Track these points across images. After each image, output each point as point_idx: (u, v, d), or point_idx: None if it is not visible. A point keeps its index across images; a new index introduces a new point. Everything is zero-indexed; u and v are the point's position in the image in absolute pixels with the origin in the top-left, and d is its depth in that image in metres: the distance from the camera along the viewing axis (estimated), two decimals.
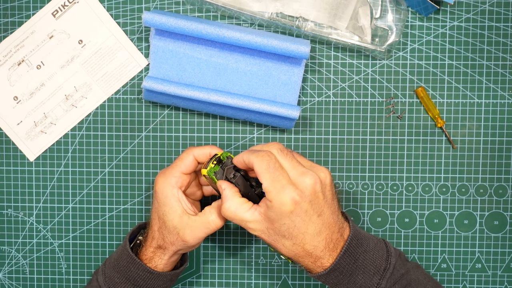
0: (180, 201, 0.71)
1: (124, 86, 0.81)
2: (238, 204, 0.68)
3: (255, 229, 0.68)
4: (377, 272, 0.68)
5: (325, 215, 0.67)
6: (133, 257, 0.72)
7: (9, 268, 0.83)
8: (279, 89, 0.78)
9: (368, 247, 0.69)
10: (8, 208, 0.82)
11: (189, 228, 0.70)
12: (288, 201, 0.65)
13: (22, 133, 0.81)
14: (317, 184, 0.66)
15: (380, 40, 0.78)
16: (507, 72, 0.79)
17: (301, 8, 0.78)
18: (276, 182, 0.65)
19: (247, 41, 0.74)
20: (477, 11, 0.79)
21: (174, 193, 0.71)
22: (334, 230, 0.68)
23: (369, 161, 0.80)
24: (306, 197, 0.65)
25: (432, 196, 0.81)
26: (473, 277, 0.81)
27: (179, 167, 0.72)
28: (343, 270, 0.67)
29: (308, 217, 0.66)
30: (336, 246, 0.68)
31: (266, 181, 0.65)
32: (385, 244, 0.71)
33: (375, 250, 0.69)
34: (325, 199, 0.67)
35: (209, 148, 0.73)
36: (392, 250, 0.70)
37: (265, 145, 0.69)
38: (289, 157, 0.67)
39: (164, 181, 0.71)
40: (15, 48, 0.80)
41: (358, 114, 0.80)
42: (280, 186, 0.65)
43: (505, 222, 0.81)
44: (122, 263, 0.73)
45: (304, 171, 0.66)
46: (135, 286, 0.73)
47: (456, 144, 0.80)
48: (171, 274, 0.74)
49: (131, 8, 0.80)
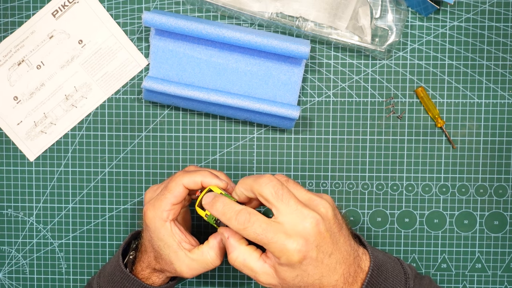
0: (174, 236, 0.67)
1: (124, 86, 0.81)
2: (246, 253, 0.63)
3: (267, 282, 0.63)
4: None
5: (337, 251, 0.62)
6: (127, 274, 0.71)
7: (9, 268, 0.83)
8: (279, 89, 0.78)
9: (387, 274, 0.65)
10: (8, 208, 0.82)
11: (186, 265, 0.68)
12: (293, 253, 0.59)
13: (22, 133, 0.81)
14: (319, 225, 0.60)
15: (380, 40, 0.78)
16: (507, 72, 0.79)
17: (301, 8, 0.78)
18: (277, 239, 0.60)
19: (247, 41, 0.74)
20: (477, 11, 0.79)
21: (167, 227, 0.67)
22: (351, 263, 0.63)
23: (369, 161, 0.80)
24: (312, 243, 0.60)
25: (432, 196, 0.81)
26: (473, 277, 0.81)
27: (169, 199, 0.67)
28: None
29: (319, 262, 0.61)
30: (356, 278, 0.63)
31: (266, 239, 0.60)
32: (401, 266, 0.68)
33: (394, 275, 0.65)
34: (332, 235, 0.62)
35: (200, 176, 0.67)
36: (408, 271, 0.67)
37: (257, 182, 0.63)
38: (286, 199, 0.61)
39: (155, 216, 0.67)
40: (15, 48, 0.80)
41: (358, 114, 0.80)
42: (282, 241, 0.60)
43: (505, 222, 0.81)
44: (116, 279, 0.72)
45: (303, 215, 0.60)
46: None
47: (456, 144, 0.80)
48: (167, 285, 0.73)
49: (131, 8, 0.80)
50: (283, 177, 0.65)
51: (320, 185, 0.81)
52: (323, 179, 0.81)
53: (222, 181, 0.68)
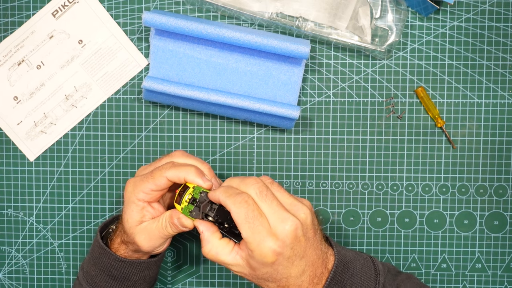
0: (141, 213, 0.70)
1: (124, 86, 0.81)
2: (218, 247, 0.66)
3: (238, 272, 0.66)
4: None
5: (308, 255, 0.65)
6: (103, 247, 0.72)
7: (9, 268, 0.83)
8: (279, 89, 0.78)
9: (355, 271, 0.67)
10: (8, 208, 0.82)
11: (145, 233, 0.69)
12: (269, 253, 0.62)
13: (22, 133, 0.81)
14: (298, 230, 0.63)
15: (380, 40, 0.78)
16: (507, 72, 0.79)
17: (301, 8, 0.78)
18: (256, 234, 0.62)
19: (247, 41, 0.74)
20: (477, 11, 0.79)
21: (139, 205, 0.69)
22: (318, 265, 0.65)
23: (369, 161, 0.80)
24: (288, 245, 0.63)
25: (432, 196, 0.81)
26: (473, 277, 0.81)
27: (149, 185, 0.69)
28: None
29: (290, 262, 0.64)
30: (321, 278, 0.66)
31: (246, 232, 0.62)
32: (373, 263, 0.69)
33: (363, 272, 0.68)
34: (307, 239, 0.65)
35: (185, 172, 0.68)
36: (380, 268, 0.69)
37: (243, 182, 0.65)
38: (269, 199, 0.64)
39: (132, 192, 0.69)
40: (15, 48, 0.80)
41: (358, 114, 0.80)
42: (260, 238, 0.62)
43: (505, 222, 0.81)
44: (95, 255, 0.73)
45: (284, 217, 0.63)
46: (110, 276, 0.73)
47: (456, 144, 0.80)
48: (147, 262, 0.73)
49: (131, 8, 0.80)
50: (268, 179, 0.67)
51: (320, 185, 0.81)
52: (323, 179, 0.81)
53: (206, 182, 0.68)
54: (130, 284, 0.74)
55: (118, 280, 0.73)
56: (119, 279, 0.73)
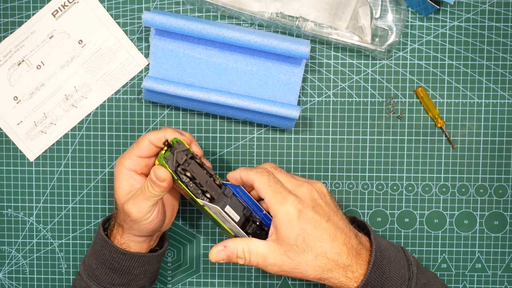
0: (129, 182, 0.70)
1: (124, 86, 0.81)
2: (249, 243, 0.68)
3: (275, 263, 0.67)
4: (403, 283, 0.68)
5: (334, 220, 0.67)
6: (105, 239, 0.72)
7: (9, 268, 0.83)
8: (279, 89, 0.78)
9: (390, 258, 0.69)
10: (8, 208, 0.82)
11: (132, 199, 0.69)
12: (292, 209, 0.66)
13: (22, 133, 0.81)
14: (314, 192, 0.68)
15: (380, 40, 0.78)
16: (507, 72, 0.79)
17: (301, 8, 0.78)
18: (277, 194, 0.67)
19: (247, 41, 0.74)
20: (477, 11, 0.79)
21: (125, 173, 0.70)
22: (351, 236, 0.67)
23: (369, 161, 0.80)
24: (308, 204, 0.67)
25: (432, 196, 0.81)
26: (473, 277, 0.81)
27: (134, 150, 0.71)
28: (374, 284, 0.67)
29: (317, 223, 0.66)
30: (359, 253, 0.67)
31: (268, 195, 0.67)
32: (404, 253, 0.71)
33: (397, 260, 0.69)
34: (328, 206, 0.68)
35: (163, 131, 0.70)
36: (411, 259, 0.70)
37: (259, 166, 0.71)
38: (284, 173, 0.71)
39: (119, 163, 0.71)
40: (15, 48, 0.80)
41: (358, 114, 0.80)
42: (282, 197, 0.66)
43: (505, 222, 0.81)
44: (96, 248, 0.73)
45: (300, 183, 0.69)
46: (111, 269, 0.73)
47: (456, 144, 0.80)
48: (147, 256, 0.73)
49: (131, 8, 0.80)
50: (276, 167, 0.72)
51: None
52: (323, 179, 0.81)
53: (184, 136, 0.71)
54: (131, 278, 0.74)
55: (118, 273, 0.73)
56: (120, 272, 0.73)
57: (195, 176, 0.68)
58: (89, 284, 0.73)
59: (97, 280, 0.73)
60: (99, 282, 0.73)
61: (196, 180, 0.68)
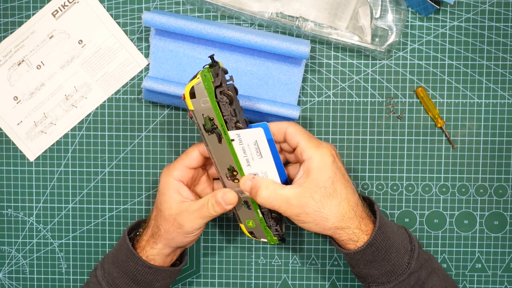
0: (179, 193, 0.71)
1: (124, 86, 0.81)
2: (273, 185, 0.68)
3: (298, 204, 0.67)
4: (406, 252, 0.70)
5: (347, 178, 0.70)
6: (132, 251, 0.72)
7: (9, 268, 0.83)
8: (279, 89, 0.78)
9: (393, 228, 0.72)
10: (8, 208, 0.82)
11: (187, 213, 0.70)
12: (327, 153, 0.68)
13: (22, 133, 0.81)
14: (333, 149, 0.70)
15: (380, 40, 0.78)
16: (507, 72, 0.79)
17: (301, 8, 0.78)
18: (313, 139, 0.69)
19: (247, 41, 0.74)
20: (477, 11, 0.79)
21: (175, 184, 0.71)
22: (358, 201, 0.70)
23: (369, 161, 0.80)
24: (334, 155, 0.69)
25: (432, 196, 0.81)
26: (473, 277, 0.81)
27: (183, 161, 0.72)
28: (378, 246, 0.69)
29: (343, 172, 0.70)
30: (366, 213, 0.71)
31: (304, 138, 0.69)
32: (406, 230, 0.74)
33: (400, 233, 0.72)
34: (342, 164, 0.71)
35: None
36: (412, 236, 0.73)
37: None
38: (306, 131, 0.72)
39: (167, 174, 0.72)
40: (15, 48, 0.80)
41: (358, 114, 0.80)
42: (317, 142, 0.69)
43: (505, 222, 0.81)
44: (121, 258, 0.73)
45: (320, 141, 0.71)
46: (133, 281, 0.73)
47: (456, 144, 0.80)
48: (170, 270, 0.74)
49: (131, 8, 0.80)
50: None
51: None
52: None
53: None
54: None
55: (140, 285, 0.73)
56: (141, 284, 0.73)
57: (233, 100, 0.65)
58: None
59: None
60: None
61: (233, 106, 0.66)
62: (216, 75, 0.65)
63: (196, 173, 0.74)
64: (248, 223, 0.74)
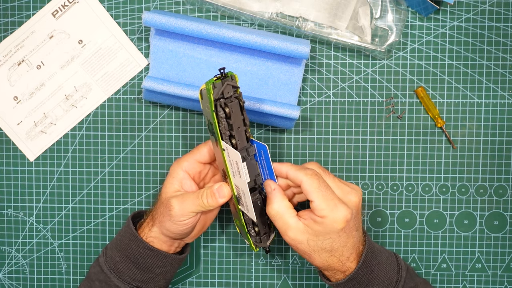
0: (181, 182, 0.73)
1: (124, 86, 0.81)
2: (286, 207, 0.69)
3: (294, 238, 0.69)
4: (390, 284, 0.71)
5: (360, 229, 0.71)
6: (135, 234, 0.73)
7: (9, 268, 0.83)
8: (279, 89, 0.78)
9: (381, 260, 0.72)
10: (8, 208, 0.82)
11: (181, 197, 0.71)
12: (341, 219, 0.67)
13: (22, 133, 0.81)
14: (360, 203, 0.70)
15: (380, 40, 0.78)
16: (507, 72, 0.79)
17: (301, 8, 0.78)
18: (329, 200, 0.67)
19: (247, 41, 0.74)
20: (477, 11, 0.79)
21: (180, 174, 0.73)
22: (361, 242, 0.71)
23: (369, 161, 0.80)
24: (354, 215, 0.69)
25: (432, 196, 0.81)
26: (473, 277, 0.81)
27: (194, 155, 0.74)
28: (360, 279, 0.70)
29: (351, 232, 0.69)
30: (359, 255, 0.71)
31: (319, 199, 0.67)
32: (396, 258, 0.74)
33: (387, 263, 0.72)
34: (361, 215, 0.72)
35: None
36: (402, 264, 0.73)
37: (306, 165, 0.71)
38: (331, 176, 0.71)
39: (177, 164, 0.74)
40: (15, 48, 0.80)
41: (358, 114, 0.80)
42: (333, 204, 0.67)
43: (505, 222, 0.81)
44: (124, 241, 0.74)
45: (348, 190, 0.70)
46: (135, 264, 0.73)
47: (456, 144, 0.80)
48: (171, 256, 0.74)
49: (131, 8, 0.80)
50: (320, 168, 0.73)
51: None
52: None
53: None
54: (151, 277, 0.74)
55: (141, 270, 0.73)
56: (142, 269, 0.73)
57: (231, 116, 0.66)
58: (109, 276, 0.73)
59: (118, 273, 0.74)
60: (120, 275, 0.73)
61: (230, 121, 0.67)
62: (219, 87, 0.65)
63: (205, 169, 0.75)
64: (236, 222, 0.76)
